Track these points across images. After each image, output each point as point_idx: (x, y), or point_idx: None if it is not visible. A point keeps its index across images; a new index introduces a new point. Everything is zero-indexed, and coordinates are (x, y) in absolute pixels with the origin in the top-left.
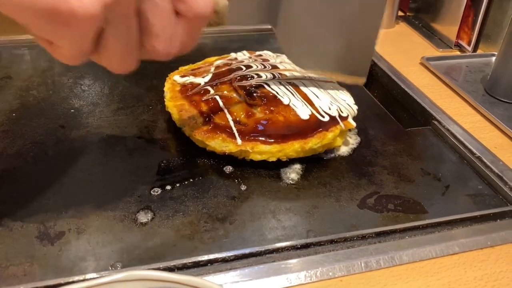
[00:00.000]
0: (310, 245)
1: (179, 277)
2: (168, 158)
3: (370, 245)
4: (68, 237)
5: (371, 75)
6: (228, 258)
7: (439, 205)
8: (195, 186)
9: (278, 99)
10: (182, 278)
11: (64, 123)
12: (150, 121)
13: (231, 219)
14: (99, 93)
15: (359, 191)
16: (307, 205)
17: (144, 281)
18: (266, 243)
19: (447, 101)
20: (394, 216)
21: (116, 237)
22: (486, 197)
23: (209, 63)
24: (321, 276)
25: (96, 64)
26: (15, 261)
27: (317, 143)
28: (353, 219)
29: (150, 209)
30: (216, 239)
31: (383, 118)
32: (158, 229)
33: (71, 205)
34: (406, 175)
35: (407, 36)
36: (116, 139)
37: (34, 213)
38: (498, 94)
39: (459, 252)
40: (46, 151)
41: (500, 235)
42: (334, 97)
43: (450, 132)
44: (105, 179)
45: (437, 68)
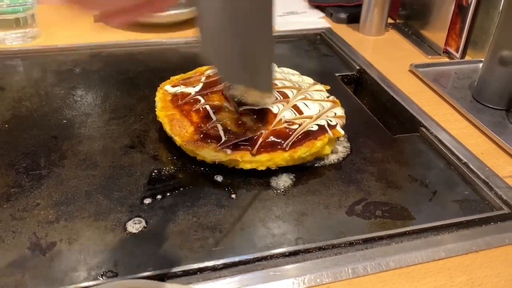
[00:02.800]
0: (298, 252)
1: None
2: (159, 168)
3: (358, 251)
4: (60, 247)
5: (360, 82)
6: (217, 267)
7: (426, 211)
8: (186, 195)
9: (268, 108)
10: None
11: (57, 133)
12: (141, 130)
13: (221, 227)
14: (91, 103)
15: (347, 198)
16: (296, 213)
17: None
18: (255, 251)
19: (435, 108)
20: (382, 223)
21: (107, 247)
22: (473, 203)
23: (200, 72)
24: (309, 283)
25: (88, 75)
26: (7, 272)
27: (305, 152)
28: (341, 226)
29: (141, 218)
30: (206, 248)
31: (371, 125)
32: (149, 238)
33: (63, 215)
34: (393, 182)
35: (396, 43)
36: (108, 149)
37: (26, 224)
38: (485, 100)
39: (445, 257)
40: (38, 162)
41: (485, 240)
42: (323, 106)
43: (437, 139)
44: (97, 189)
45: (425, 75)
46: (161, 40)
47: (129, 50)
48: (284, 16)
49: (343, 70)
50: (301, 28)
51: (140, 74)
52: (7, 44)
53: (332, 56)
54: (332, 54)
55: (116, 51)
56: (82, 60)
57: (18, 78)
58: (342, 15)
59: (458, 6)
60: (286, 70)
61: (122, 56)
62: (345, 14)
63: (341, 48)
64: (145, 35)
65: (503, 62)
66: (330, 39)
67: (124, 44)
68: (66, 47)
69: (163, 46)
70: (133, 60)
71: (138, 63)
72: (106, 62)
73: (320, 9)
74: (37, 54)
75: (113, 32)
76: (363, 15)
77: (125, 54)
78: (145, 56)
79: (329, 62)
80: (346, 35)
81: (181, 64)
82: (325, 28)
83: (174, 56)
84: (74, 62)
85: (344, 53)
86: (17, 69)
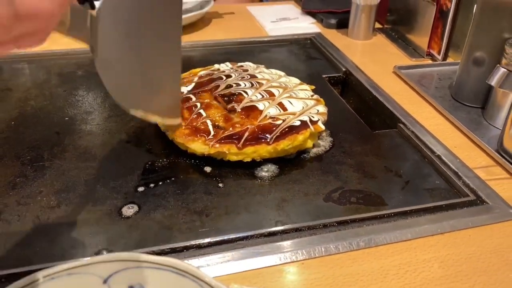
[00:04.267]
0: (277, 233)
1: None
2: (153, 160)
3: (331, 232)
4: (60, 229)
5: (347, 83)
6: (202, 245)
7: (398, 198)
8: (176, 184)
9: (254, 105)
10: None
11: (59, 130)
12: (137, 127)
13: (207, 212)
14: (92, 102)
15: (325, 186)
16: (277, 199)
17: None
18: (237, 232)
19: (415, 106)
20: (356, 208)
21: (103, 229)
22: (442, 191)
23: (193, 73)
24: (284, 260)
25: (89, 77)
26: (12, 249)
27: (288, 145)
28: (318, 211)
29: (135, 204)
30: (193, 229)
31: (353, 122)
32: (141, 221)
33: (63, 201)
34: (370, 172)
35: (383, 47)
36: (106, 143)
37: (30, 209)
38: (462, 99)
39: (412, 238)
40: (41, 154)
41: (450, 223)
42: (307, 103)
43: (414, 134)
44: (95, 178)
45: (408, 76)
46: None
47: None
48: (277, 22)
49: (330, 72)
50: (292, 33)
51: None
52: None
53: (320, 59)
54: (321, 57)
55: None
56: (84, 63)
57: (24, 80)
58: (332, 20)
59: (439, 11)
60: (274, 71)
61: None
62: (335, 20)
63: (329, 52)
64: None
65: (476, 62)
66: (319, 43)
67: None
68: (69, 51)
69: None
70: None
71: None
72: None
73: (311, 15)
74: (42, 58)
75: None
76: (351, 21)
77: None
78: None
79: (318, 65)
80: (335, 40)
81: None
82: (315, 33)
83: None
84: (76, 65)
85: (332, 56)
86: (23, 71)
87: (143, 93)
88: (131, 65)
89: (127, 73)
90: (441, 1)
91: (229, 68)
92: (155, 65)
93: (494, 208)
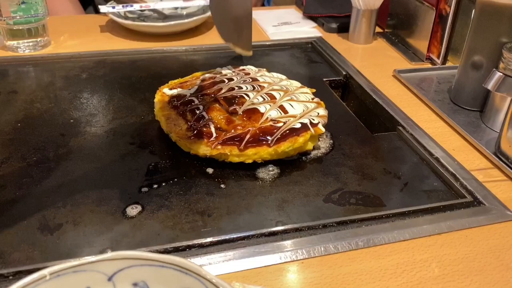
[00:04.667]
0: (277, 233)
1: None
2: (156, 161)
3: (331, 232)
4: (66, 228)
5: (347, 87)
6: (204, 244)
7: (396, 200)
8: (179, 185)
9: (256, 108)
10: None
11: (64, 131)
12: (141, 129)
13: (209, 212)
14: (96, 105)
15: (325, 187)
16: (278, 200)
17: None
18: (239, 232)
19: (414, 110)
20: (355, 209)
21: (108, 228)
22: (440, 193)
23: (196, 77)
24: (285, 259)
25: (93, 80)
26: (19, 248)
27: (288, 147)
28: (318, 212)
29: (139, 204)
30: (195, 229)
31: (353, 125)
32: (145, 221)
33: (69, 201)
34: (369, 174)
35: (383, 51)
36: (110, 145)
37: (36, 208)
38: (461, 102)
39: (409, 238)
40: (47, 155)
41: (447, 224)
42: (308, 106)
43: (413, 137)
44: (99, 179)
45: (407, 79)
46: (162, 48)
47: (132, 57)
48: (278, 26)
49: (331, 76)
50: (294, 37)
51: (142, 79)
52: (19, 52)
53: (321, 62)
54: (322, 61)
55: (120, 58)
56: (88, 66)
57: (30, 83)
58: (333, 24)
59: (439, 16)
60: (276, 75)
61: (125, 63)
62: (336, 24)
63: (330, 56)
64: (146, 43)
65: (475, 66)
66: (320, 47)
67: (127, 52)
68: (73, 55)
69: (163, 53)
70: (135, 66)
71: (140, 69)
72: (111, 68)
73: (312, 19)
74: (47, 61)
75: (117, 41)
76: (352, 25)
77: (128, 61)
78: (147, 63)
79: (318, 68)
80: (336, 44)
81: (179, 70)
82: (316, 37)
83: (173, 63)
84: (81, 68)
85: (333, 60)
86: (29, 74)
87: (232, 31)
88: (225, 10)
89: (225, 15)
90: (441, 6)
91: (231, 72)
92: (237, 10)
93: (491, 210)
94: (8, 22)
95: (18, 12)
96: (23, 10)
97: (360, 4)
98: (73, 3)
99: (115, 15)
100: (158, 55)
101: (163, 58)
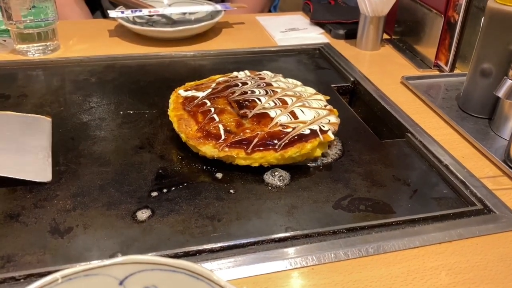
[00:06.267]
0: (287, 238)
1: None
2: (166, 166)
3: (341, 239)
4: (76, 231)
5: (355, 93)
6: (214, 249)
7: (406, 207)
8: (189, 189)
9: (266, 112)
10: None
11: (74, 135)
12: (150, 133)
13: (219, 217)
14: (106, 109)
15: (335, 194)
16: (287, 206)
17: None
18: (248, 237)
19: (422, 116)
20: (365, 216)
21: (118, 232)
22: (450, 200)
23: (212, 80)
24: (295, 265)
25: (103, 84)
26: (30, 251)
27: (295, 152)
28: (327, 218)
29: (148, 208)
30: (205, 234)
31: (362, 131)
32: (155, 225)
33: (79, 205)
34: (378, 181)
35: (391, 58)
36: (120, 149)
37: (47, 212)
38: (469, 110)
39: (420, 246)
40: (57, 159)
41: (457, 232)
42: (319, 113)
43: (421, 143)
44: (109, 183)
45: (415, 86)
46: (170, 53)
47: (141, 62)
48: (285, 32)
49: (339, 82)
50: (301, 43)
51: (151, 84)
52: (29, 56)
53: (329, 69)
54: (329, 67)
55: (129, 63)
56: (97, 70)
57: (40, 86)
58: (341, 31)
59: (447, 23)
60: (291, 81)
61: (134, 67)
62: (343, 30)
63: (337, 62)
64: (155, 48)
65: (484, 74)
66: (328, 53)
67: (136, 57)
68: (83, 59)
69: (172, 58)
70: (144, 71)
71: (148, 73)
72: (120, 72)
73: (320, 25)
74: (57, 65)
75: (126, 46)
76: (359, 32)
77: (137, 66)
78: (155, 67)
79: (326, 74)
80: (344, 50)
81: (187, 75)
82: (324, 43)
83: (181, 68)
84: (90, 72)
85: (341, 66)
86: (39, 78)
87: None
88: None
89: None
90: (449, 13)
91: (247, 76)
92: None
93: (501, 218)
94: (18, 26)
95: (28, 16)
96: (34, 14)
97: (368, 10)
98: (81, 8)
99: (124, 20)
100: (166, 60)
101: (171, 63)
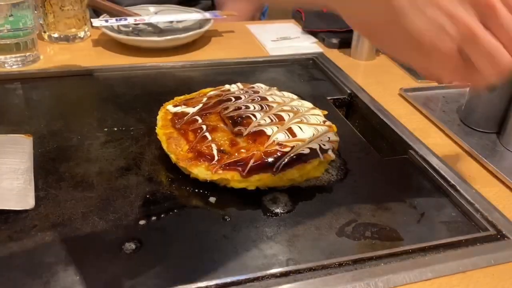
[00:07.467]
0: (289, 273)
1: None
2: (154, 189)
3: (347, 272)
4: (56, 269)
5: (352, 105)
6: (209, 287)
7: (414, 232)
8: (180, 216)
9: (262, 130)
10: None
11: (54, 156)
12: (137, 153)
13: (213, 248)
14: (89, 126)
15: (338, 219)
16: (287, 234)
17: None
18: (247, 272)
19: (424, 131)
20: (371, 244)
21: (103, 267)
22: (460, 224)
23: (203, 94)
24: None
25: (86, 98)
26: None
27: (295, 174)
28: (331, 247)
29: (136, 239)
30: (199, 268)
31: (362, 148)
32: (143, 258)
33: (59, 237)
34: (383, 203)
35: (387, 68)
36: (104, 171)
37: (23, 246)
38: (473, 124)
39: (432, 278)
40: (35, 184)
41: (472, 261)
42: (318, 130)
43: (426, 161)
44: (93, 210)
45: (414, 98)
46: (157, 64)
47: (126, 74)
48: (277, 41)
49: (335, 94)
50: (294, 52)
51: (137, 97)
52: (6, 68)
53: (324, 80)
54: (324, 78)
55: (113, 75)
56: (80, 83)
57: (18, 101)
58: (334, 40)
59: None
60: (287, 94)
61: (119, 80)
62: (337, 39)
63: (332, 73)
64: (141, 59)
65: (488, 87)
66: (322, 63)
67: (121, 68)
68: (64, 71)
69: (159, 69)
70: (130, 83)
71: (135, 86)
72: (104, 85)
73: (312, 34)
74: (36, 77)
75: (110, 57)
76: (354, 41)
77: (122, 78)
78: (142, 79)
79: (321, 86)
80: (338, 60)
81: (176, 87)
82: (317, 53)
83: (169, 80)
84: (72, 85)
85: (336, 77)
86: (17, 92)
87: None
88: None
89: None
90: None
91: (239, 89)
92: None
93: None
94: None
95: (5, 25)
96: (11, 23)
97: None
98: None
99: (108, 29)
100: (153, 72)
101: (159, 74)
